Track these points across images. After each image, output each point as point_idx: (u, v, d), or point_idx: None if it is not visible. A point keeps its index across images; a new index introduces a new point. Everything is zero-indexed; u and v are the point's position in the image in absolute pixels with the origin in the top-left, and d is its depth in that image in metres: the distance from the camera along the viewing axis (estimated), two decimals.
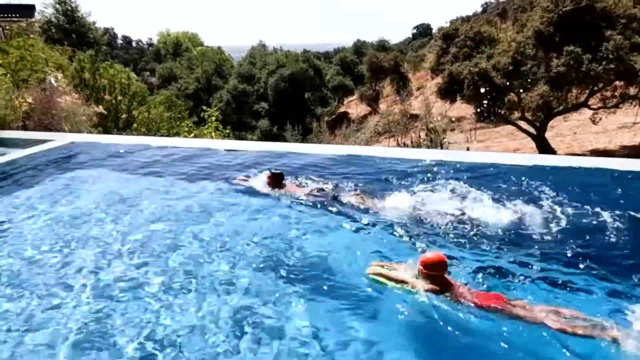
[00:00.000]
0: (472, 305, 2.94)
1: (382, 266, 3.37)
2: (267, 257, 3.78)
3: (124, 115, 14.21)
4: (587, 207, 4.26)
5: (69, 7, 30.36)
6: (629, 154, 18.26)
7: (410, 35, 77.99)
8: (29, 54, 12.89)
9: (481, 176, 5.32)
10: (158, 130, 15.22)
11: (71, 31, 28.48)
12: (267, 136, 38.13)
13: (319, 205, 4.80)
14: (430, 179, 5.21)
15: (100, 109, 12.47)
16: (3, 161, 7.30)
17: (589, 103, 19.36)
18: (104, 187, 5.75)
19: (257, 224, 4.46)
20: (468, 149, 22.04)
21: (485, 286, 3.23)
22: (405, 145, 21.01)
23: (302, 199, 4.99)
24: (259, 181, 5.44)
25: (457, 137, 27.20)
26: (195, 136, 15.53)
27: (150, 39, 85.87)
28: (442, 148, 16.69)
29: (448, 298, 3.01)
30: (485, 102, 19.97)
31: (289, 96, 43.02)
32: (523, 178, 5.06)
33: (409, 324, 2.93)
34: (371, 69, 43.50)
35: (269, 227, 4.35)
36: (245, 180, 5.65)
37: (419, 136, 21.61)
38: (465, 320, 2.87)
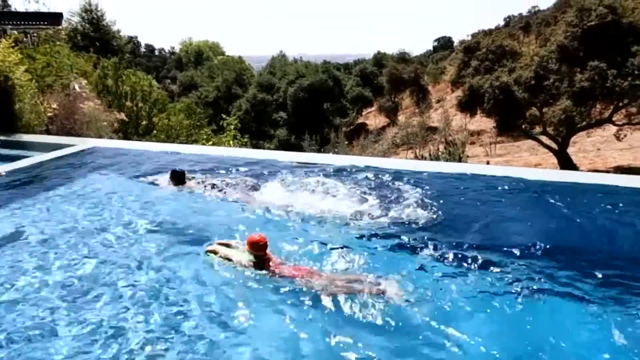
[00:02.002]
0: (285, 276, 3.73)
1: (227, 245, 4.09)
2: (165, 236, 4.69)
3: (144, 122, 14.43)
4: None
5: (95, 16, 31.05)
6: None
7: (431, 48, 77.89)
8: (54, 60, 13.22)
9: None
10: (177, 137, 15.40)
11: (96, 39, 29.11)
12: (284, 145, 38.27)
13: (210, 197, 5.82)
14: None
15: (122, 115, 12.68)
16: (26, 164, 7.44)
17: (614, 119, 18.94)
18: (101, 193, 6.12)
19: (157, 212, 5.35)
20: (488, 162, 21.70)
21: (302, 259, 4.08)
22: (423, 158, 20.80)
23: (199, 193, 5.95)
24: (165, 180, 6.26)
25: (477, 151, 26.85)
26: (213, 144, 15.64)
27: (173, 47, 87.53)
28: (461, 161, 16.46)
29: (265, 271, 3.77)
30: (506, 115, 19.73)
31: (308, 106, 43.19)
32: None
33: (229, 292, 3.65)
34: (391, 80, 43.45)
35: (168, 213, 5.30)
36: (156, 180, 6.45)
37: (437, 149, 21.37)
38: (277, 289, 3.61)
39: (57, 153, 8.13)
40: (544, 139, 20.69)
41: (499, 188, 5.80)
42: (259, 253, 3.82)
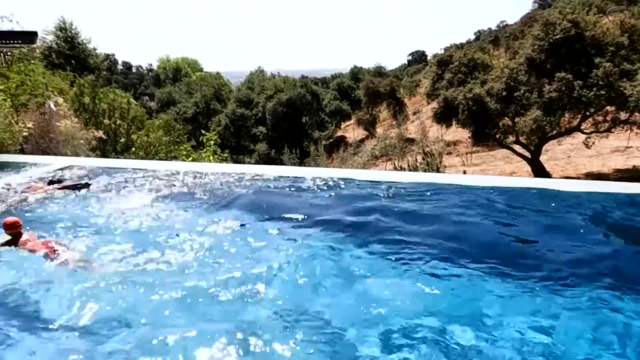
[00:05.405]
0: (33, 251, 4.51)
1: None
2: None
3: (122, 139, 14.34)
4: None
5: (70, 34, 30.73)
6: (623, 177, 18.43)
7: (406, 62, 79.51)
8: (29, 79, 13.08)
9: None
10: (157, 154, 15.32)
11: (72, 57, 28.79)
12: (265, 160, 38.32)
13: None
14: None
15: (100, 133, 12.60)
16: None
17: (582, 127, 19.61)
18: None
19: None
20: (464, 172, 22.20)
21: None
22: (402, 169, 21.12)
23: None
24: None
25: (453, 161, 27.42)
26: (193, 160, 15.62)
27: (150, 64, 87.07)
28: (439, 171, 16.81)
29: (20, 248, 4.58)
30: (480, 126, 20.27)
31: (287, 120, 43.44)
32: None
33: None
34: (368, 93, 44.15)
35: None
36: None
37: (416, 160, 21.76)
38: (36, 265, 4.35)
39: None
40: (517, 148, 21.27)
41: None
42: (13, 232, 4.64)
